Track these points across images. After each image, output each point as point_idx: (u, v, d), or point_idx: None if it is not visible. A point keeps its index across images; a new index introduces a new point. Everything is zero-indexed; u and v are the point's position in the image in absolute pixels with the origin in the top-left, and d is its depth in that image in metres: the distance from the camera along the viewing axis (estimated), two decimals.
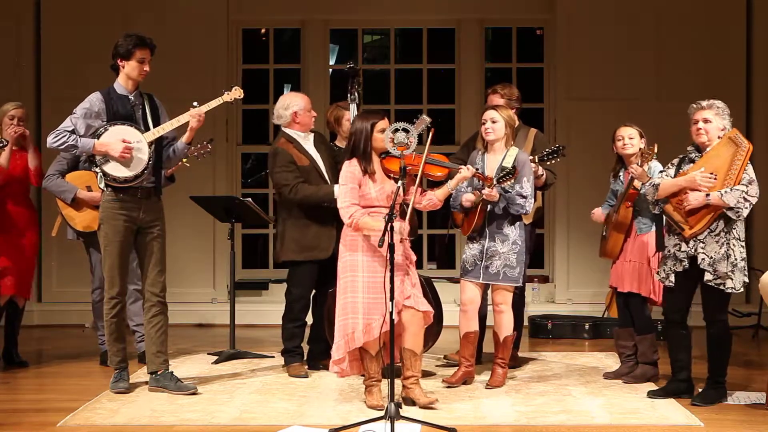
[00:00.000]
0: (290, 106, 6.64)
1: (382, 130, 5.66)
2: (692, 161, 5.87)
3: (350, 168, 5.71)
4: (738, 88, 9.08)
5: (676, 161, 5.97)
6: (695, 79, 9.04)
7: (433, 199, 5.87)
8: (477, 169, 6.11)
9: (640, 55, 9.13)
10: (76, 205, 6.95)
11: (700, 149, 5.87)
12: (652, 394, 5.95)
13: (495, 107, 6.36)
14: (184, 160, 6.84)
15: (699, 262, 5.71)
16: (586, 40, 9.15)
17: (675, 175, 5.87)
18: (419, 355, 5.77)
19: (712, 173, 5.70)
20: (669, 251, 5.86)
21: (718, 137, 5.80)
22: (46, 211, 9.07)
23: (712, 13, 9.13)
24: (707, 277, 5.69)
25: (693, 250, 5.73)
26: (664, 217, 5.98)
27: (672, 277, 5.82)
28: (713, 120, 5.80)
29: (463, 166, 6.03)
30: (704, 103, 5.85)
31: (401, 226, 5.63)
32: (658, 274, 5.96)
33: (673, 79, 9.09)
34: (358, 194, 5.67)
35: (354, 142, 5.75)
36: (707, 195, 5.64)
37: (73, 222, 6.97)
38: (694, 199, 5.68)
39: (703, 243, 5.71)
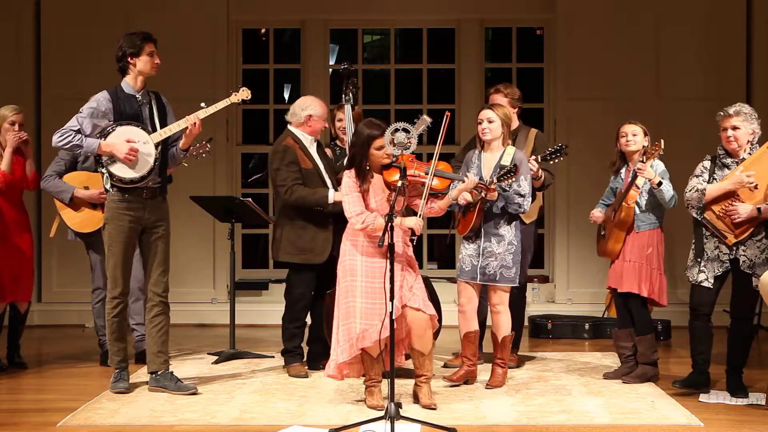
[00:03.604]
0: (308, 109, 6.62)
1: (380, 147, 5.64)
2: (726, 167, 5.99)
3: (350, 178, 5.71)
4: (738, 87, 9.07)
5: (707, 165, 6.05)
6: (695, 78, 9.06)
7: (435, 207, 5.89)
8: (480, 178, 6.08)
9: (640, 55, 9.13)
10: (74, 205, 6.95)
11: (731, 154, 5.99)
12: (678, 384, 6.08)
13: (491, 106, 6.36)
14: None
15: (740, 264, 5.89)
16: (586, 40, 9.15)
17: (709, 181, 5.99)
18: (427, 355, 5.79)
19: (750, 176, 5.85)
20: (708, 255, 5.97)
21: (748, 141, 5.96)
22: (45, 213, 9.10)
23: (712, 13, 9.13)
24: (755, 282, 5.86)
25: (734, 253, 5.91)
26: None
27: (712, 279, 5.96)
28: (741, 126, 5.93)
29: (468, 175, 6.01)
30: (731, 111, 5.96)
31: (416, 221, 5.66)
32: (694, 276, 6.02)
33: (673, 79, 9.10)
34: (362, 201, 5.68)
35: (352, 154, 5.77)
36: (758, 208, 5.80)
37: (71, 222, 6.98)
38: (744, 212, 5.84)
39: (745, 246, 5.90)
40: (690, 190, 6.00)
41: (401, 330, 5.74)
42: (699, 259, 6.01)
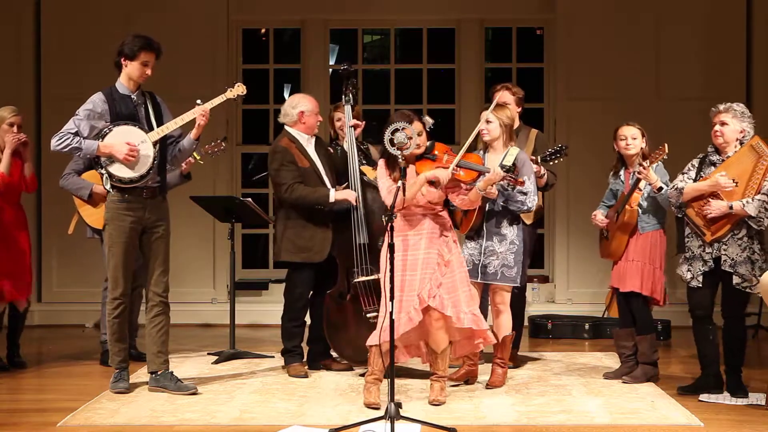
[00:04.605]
0: (298, 106, 6.64)
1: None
2: (713, 164, 6.01)
3: (382, 167, 5.82)
4: (738, 88, 9.07)
5: (696, 162, 6.09)
6: (695, 79, 9.06)
7: (466, 199, 5.92)
8: (507, 172, 6.05)
9: (640, 55, 9.13)
10: (92, 202, 6.97)
11: (719, 151, 6.00)
12: (682, 390, 6.09)
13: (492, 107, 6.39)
14: (198, 157, 6.84)
15: (721, 263, 5.89)
16: (586, 40, 9.15)
17: (696, 178, 5.99)
18: (439, 354, 5.82)
19: (733, 179, 5.84)
20: (693, 253, 5.99)
21: (737, 140, 5.96)
22: (45, 214, 9.13)
23: (712, 13, 9.13)
24: (735, 280, 5.87)
25: (717, 251, 5.91)
26: (685, 220, 6.10)
27: (700, 278, 5.98)
28: (730, 123, 5.95)
29: (493, 167, 6.00)
30: (722, 107, 6.01)
31: (444, 171, 5.71)
32: (683, 274, 6.06)
33: (673, 79, 9.10)
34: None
35: (384, 144, 5.79)
36: (730, 206, 5.80)
37: (89, 219, 6.99)
38: (716, 208, 5.85)
39: (726, 245, 5.89)
40: (671, 188, 6.04)
41: (423, 324, 5.78)
42: (684, 257, 6.06)
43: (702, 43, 9.12)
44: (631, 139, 6.35)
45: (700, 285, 5.98)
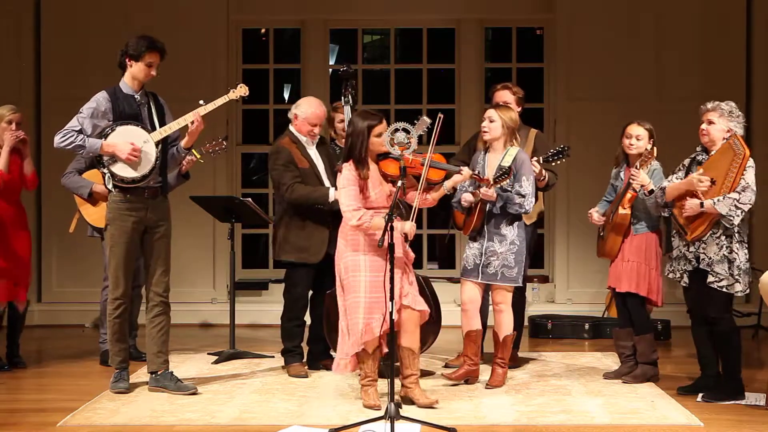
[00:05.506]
0: (296, 108, 6.65)
1: (380, 135, 5.66)
2: (699, 163, 6.02)
3: (349, 171, 5.70)
4: (738, 88, 9.07)
5: (686, 162, 6.11)
6: (695, 79, 9.06)
7: (428, 198, 5.91)
8: (476, 171, 6.10)
9: (640, 55, 9.13)
10: (93, 201, 6.98)
11: (707, 150, 6.01)
12: (682, 390, 6.09)
13: (496, 106, 6.38)
14: (198, 156, 6.85)
15: (699, 262, 5.88)
16: (586, 40, 9.16)
17: (684, 178, 5.99)
18: (417, 353, 5.79)
19: (711, 178, 5.83)
20: (680, 252, 6.01)
21: (723, 138, 5.93)
22: (45, 212, 9.12)
23: (712, 13, 9.13)
24: (710, 279, 5.86)
25: (697, 251, 5.90)
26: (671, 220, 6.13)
27: (686, 277, 6.00)
28: (717, 122, 5.94)
29: (464, 168, 6.03)
30: (710, 105, 6.00)
31: (411, 226, 5.66)
32: (672, 275, 6.08)
33: (673, 79, 9.10)
34: (359, 196, 5.68)
35: (351, 144, 5.74)
36: (701, 204, 5.80)
37: (90, 218, 7.00)
38: (689, 206, 5.86)
39: (705, 244, 5.89)
40: (657, 188, 6.07)
41: (397, 325, 5.75)
42: (669, 256, 6.11)
43: (702, 43, 9.12)
44: (636, 139, 6.35)
45: (688, 284, 6.01)
